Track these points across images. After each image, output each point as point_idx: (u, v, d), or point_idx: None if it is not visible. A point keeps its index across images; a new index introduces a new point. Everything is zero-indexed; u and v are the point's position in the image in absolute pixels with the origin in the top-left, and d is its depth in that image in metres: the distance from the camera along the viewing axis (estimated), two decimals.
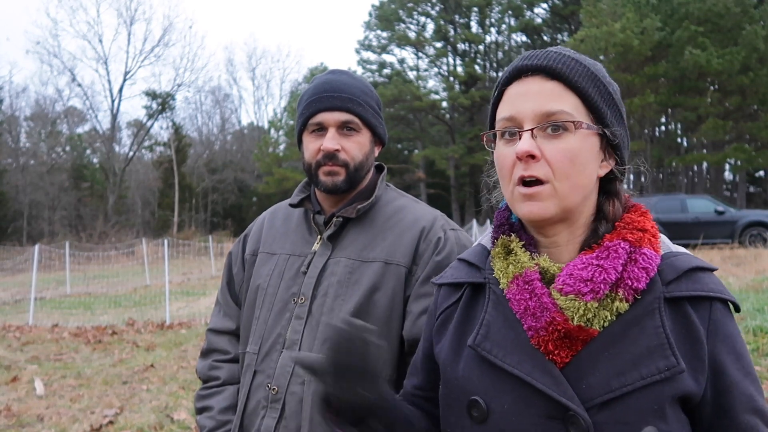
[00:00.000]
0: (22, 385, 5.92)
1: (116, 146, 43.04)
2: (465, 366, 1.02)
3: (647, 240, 0.96)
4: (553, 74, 0.98)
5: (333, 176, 1.52)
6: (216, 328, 1.70)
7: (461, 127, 39.19)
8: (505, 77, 1.03)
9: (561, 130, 0.95)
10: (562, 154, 0.95)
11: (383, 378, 1.19)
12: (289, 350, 1.48)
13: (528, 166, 0.95)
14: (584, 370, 0.91)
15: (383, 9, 39.24)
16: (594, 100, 0.99)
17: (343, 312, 1.45)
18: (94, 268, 18.78)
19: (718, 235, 15.12)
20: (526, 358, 0.94)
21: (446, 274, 1.17)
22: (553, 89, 0.97)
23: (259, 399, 1.49)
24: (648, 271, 0.93)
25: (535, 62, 0.99)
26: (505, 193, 1.02)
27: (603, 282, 0.91)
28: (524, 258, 0.99)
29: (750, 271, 9.52)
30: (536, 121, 0.96)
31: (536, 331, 0.94)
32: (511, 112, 0.98)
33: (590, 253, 0.96)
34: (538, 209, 0.95)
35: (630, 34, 24.38)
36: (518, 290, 0.98)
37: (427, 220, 1.55)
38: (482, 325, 1.01)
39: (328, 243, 1.54)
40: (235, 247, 1.78)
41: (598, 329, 0.92)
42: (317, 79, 1.61)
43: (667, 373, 0.89)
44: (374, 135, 1.60)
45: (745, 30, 23.98)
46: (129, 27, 42.79)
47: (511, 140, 0.98)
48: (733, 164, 29.30)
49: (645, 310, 0.93)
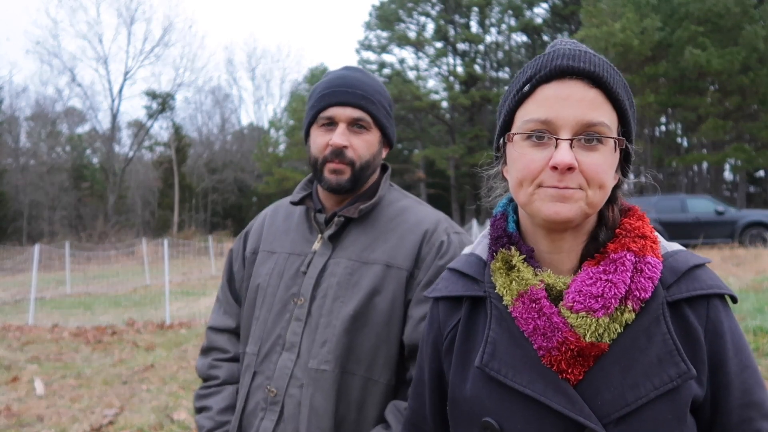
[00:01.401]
0: (22, 385, 5.91)
1: (116, 146, 43.04)
2: (472, 386, 0.99)
3: (649, 247, 0.95)
4: (597, 82, 0.92)
5: (338, 175, 1.49)
6: (216, 326, 1.69)
7: (461, 127, 39.17)
8: (543, 74, 0.94)
9: (596, 142, 0.92)
10: (597, 167, 0.91)
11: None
12: (288, 352, 1.46)
13: (564, 178, 0.90)
14: (598, 386, 0.90)
15: (383, 9, 39.22)
16: (628, 115, 0.96)
17: (342, 314, 1.43)
18: (94, 268, 18.79)
19: (718, 235, 15.12)
20: (538, 377, 0.92)
21: (439, 286, 1.12)
22: (595, 98, 0.92)
23: (258, 400, 1.47)
24: (653, 279, 0.92)
25: (581, 65, 0.92)
26: (520, 194, 0.96)
27: (614, 297, 0.90)
28: (528, 275, 0.96)
29: (750, 271, 9.52)
30: (575, 130, 0.91)
31: (548, 351, 0.92)
32: (548, 115, 0.92)
33: (595, 265, 0.94)
34: (567, 210, 0.91)
35: (630, 34, 24.37)
36: (525, 309, 0.95)
37: (431, 222, 1.52)
38: (487, 343, 0.98)
39: (329, 243, 1.52)
40: (236, 244, 1.75)
41: (608, 342, 0.91)
42: (331, 74, 1.57)
43: (679, 380, 0.88)
44: (384, 136, 1.57)
45: (745, 30, 23.97)
46: (129, 27, 42.89)
47: (541, 144, 0.92)
48: (733, 164, 29.28)
49: (651, 318, 0.91)
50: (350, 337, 1.42)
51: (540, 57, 0.97)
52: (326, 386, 1.41)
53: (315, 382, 1.41)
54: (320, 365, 1.42)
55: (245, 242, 1.71)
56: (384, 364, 1.43)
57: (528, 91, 0.95)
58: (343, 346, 1.42)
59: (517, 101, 0.97)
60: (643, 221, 0.99)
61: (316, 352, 1.43)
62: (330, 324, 1.43)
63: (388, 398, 1.44)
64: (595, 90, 0.92)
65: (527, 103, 0.95)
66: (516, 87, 0.98)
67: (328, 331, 1.43)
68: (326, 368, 1.41)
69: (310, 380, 1.42)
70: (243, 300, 1.64)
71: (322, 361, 1.42)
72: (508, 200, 1.09)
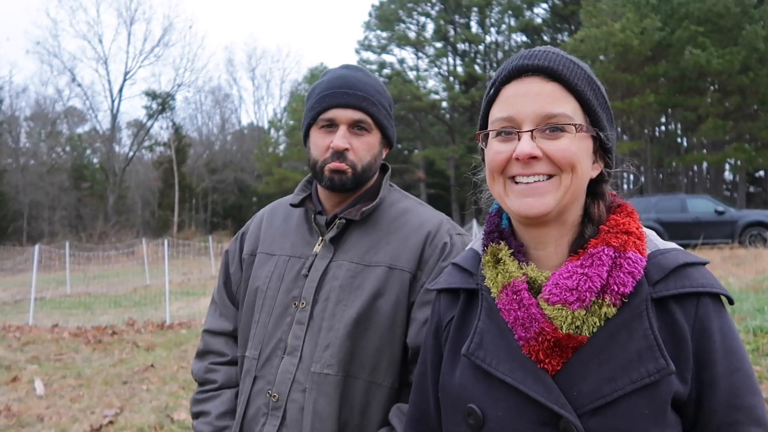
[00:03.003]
0: (22, 385, 5.91)
1: (116, 146, 43.09)
2: (461, 374, 1.02)
3: (632, 243, 0.95)
4: (553, 75, 0.96)
5: (340, 174, 1.47)
6: (212, 329, 1.66)
7: (461, 127, 39.15)
8: (503, 76, 1.00)
9: (559, 132, 0.95)
10: (563, 150, 0.94)
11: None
12: (290, 356, 1.44)
13: (529, 166, 0.94)
14: (575, 377, 0.92)
15: (383, 9, 39.20)
16: (592, 104, 0.98)
17: (345, 318, 1.42)
18: (94, 268, 18.79)
19: (718, 235, 15.12)
20: (519, 366, 0.95)
21: (441, 279, 1.16)
22: (553, 91, 0.96)
23: (260, 406, 1.45)
24: (634, 275, 0.93)
25: (535, 62, 0.97)
26: (496, 190, 1.01)
27: (588, 290, 0.91)
28: (512, 267, 0.99)
29: (750, 271, 9.51)
30: (536, 123, 0.95)
31: (527, 341, 0.95)
32: (509, 112, 0.97)
33: (575, 260, 0.95)
34: (539, 204, 0.94)
35: (630, 34, 24.37)
36: (507, 300, 0.98)
37: (433, 224, 1.51)
38: (476, 333, 1.01)
39: (330, 245, 1.50)
40: (232, 245, 1.72)
41: (587, 335, 0.92)
42: (331, 73, 1.55)
43: (657, 376, 0.88)
44: (384, 136, 1.55)
45: (745, 30, 23.96)
46: (129, 27, 42.91)
47: (507, 139, 0.97)
48: (733, 164, 29.28)
49: (632, 313, 0.92)
50: (353, 340, 1.41)
51: (504, 63, 1.04)
52: (329, 390, 1.39)
53: (318, 386, 1.39)
54: (323, 369, 1.40)
55: (242, 243, 1.68)
56: (388, 367, 1.42)
57: (493, 94, 1.02)
58: (346, 349, 1.40)
59: (486, 104, 1.04)
60: (630, 218, 1.00)
61: (319, 356, 1.41)
62: (333, 327, 1.42)
63: (392, 401, 1.43)
64: (552, 83, 0.96)
65: (494, 105, 1.01)
66: (486, 92, 1.05)
67: (330, 335, 1.41)
68: (329, 372, 1.40)
69: (313, 384, 1.40)
70: (241, 303, 1.61)
71: (325, 365, 1.40)
72: None
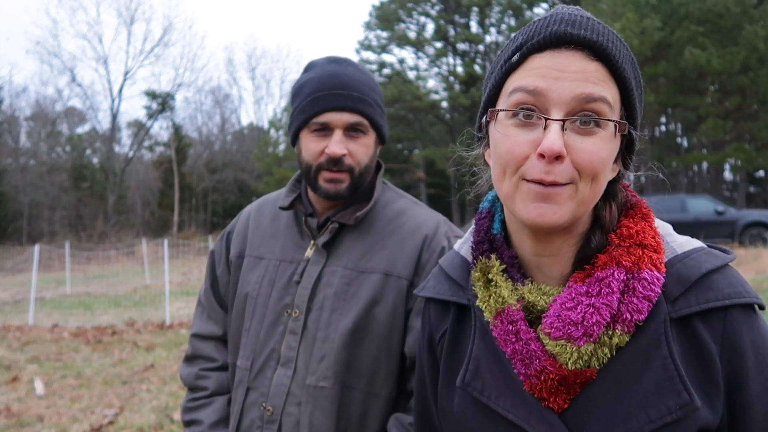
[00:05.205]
0: (22, 385, 5.91)
1: (116, 146, 43.03)
2: (459, 401, 0.92)
3: (647, 259, 0.81)
4: (600, 53, 0.78)
5: (336, 184, 1.39)
6: (200, 333, 1.60)
7: (461, 127, 39.09)
8: (536, 41, 0.79)
9: (594, 127, 0.78)
10: (592, 155, 0.77)
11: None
12: (284, 368, 1.39)
13: (551, 169, 0.77)
14: (585, 415, 0.80)
15: (383, 9, 39.20)
16: (633, 96, 0.82)
17: (341, 327, 1.37)
18: (94, 268, 18.78)
19: (718, 235, 15.12)
20: (521, 402, 0.84)
21: (429, 285, 1.03)
22: (596, 72, 0.78)
23: (254, 418, 1.40)
24: (650, 298, 0.79)
25: (581, 33, 0.78)
26: (504, 188, 0.83)
27: (596, 324, 0.78)
28: (505, 292, 0.85)
29: (750, 271, 9.52)
30: (570, 108, 0.77)
31: (527, 378, 0.83)
32: (539, 84, 0.77)
33: (581, 281, 0.82)
34: (552, 213, 0.78)
35: (630, 34, 24.35)
36: (503, 329, 0.85)
37: (430, 227, 1.44)
38: (471, 359, 0.91)
39: (323, 250, 1.43)
40: (217, 245, 1.63)
41: (597, 367, 0.80)
42: (319, 69, 1.45)
43: (679, 413, 0.76)
44: (378, 135, 1.48)
45: (745, 30, 23.95)
46: (129, 27, 42.87)
47: (528, 124, 0.79)
48: (733, 164, 29.28)
49: (649, 339, 0.79)
50: (350, 351, 1.36)
51: (534, 22, 0.82)
52: (326, 403, 1.35)
53: (314, 399, 1.35)
54: (319, 382, 1.36)
55: (228, 244, 1.60)
56: (385, 377, 1.38)
57: (517, 60, 0.81)
58: (342, 361, 1.35)
59: (504, 73, 0.83)
60: (646, 222, 0.86)
61: (314, 368, 1.36)
62: (328, 338, 1.37)
63: (390, 411, 1.40)
64: (596, 63, 0.78)
65: (515, 74, 0.81)
66: (504, 56, 0.84)
67: (326, 346, 1.37)
68: (325, 385, 1.35)
69: (308, 398, 1.35)
70: (230, 307, 1.55)
71: (321, 378, 1.36)
72: (496, 196, 0.97)
